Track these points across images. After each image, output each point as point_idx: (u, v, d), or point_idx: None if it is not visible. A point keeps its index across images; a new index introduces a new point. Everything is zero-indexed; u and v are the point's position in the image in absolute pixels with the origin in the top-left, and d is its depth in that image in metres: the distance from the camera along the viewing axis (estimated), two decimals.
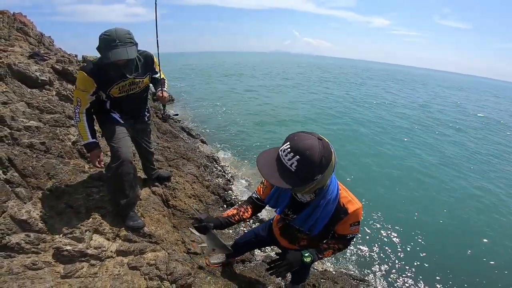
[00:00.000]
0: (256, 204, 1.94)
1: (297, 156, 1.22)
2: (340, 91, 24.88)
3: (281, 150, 1.29)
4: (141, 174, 3.55)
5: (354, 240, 1.97)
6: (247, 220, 1.99)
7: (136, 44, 2.30)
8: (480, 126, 15.94)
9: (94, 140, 2.42)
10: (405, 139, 11.43)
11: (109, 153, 2.64)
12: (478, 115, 19.91)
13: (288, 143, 1.27)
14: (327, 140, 1.29)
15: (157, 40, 2.74)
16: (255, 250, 3.54)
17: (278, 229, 2.12)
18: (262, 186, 1.90)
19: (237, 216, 1.88)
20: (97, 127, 2.55)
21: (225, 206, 4.43)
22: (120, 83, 2.42)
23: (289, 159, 1.24)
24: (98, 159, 2.44)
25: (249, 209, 1.92)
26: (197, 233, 1.77)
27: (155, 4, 2.62)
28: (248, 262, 3.30)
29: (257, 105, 16.15)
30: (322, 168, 1.26)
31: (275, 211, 1.87)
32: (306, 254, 1.67)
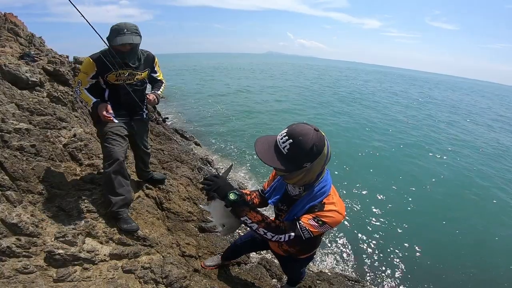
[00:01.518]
0: (261, 196, 1.99)
1: (290, 140, 1.29)
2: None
3: (279, 135, 1.36)
4: (134, 177, 3.51)
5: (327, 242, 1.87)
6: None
7: (141, 36, 2.54)
8: None
9: (97, 99, 2.57)
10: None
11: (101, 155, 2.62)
12: None
13: (287, 129, 1.35)
14: (324, 134, 1.34)
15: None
16: (251, 253, 3.51)
17: None
18: (267, 181, 1.96)
19: (249, 197, 1.92)
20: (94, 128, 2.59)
21: None
22: (119, 71, 2.57)
23: (283, 142, 1.31)
24: (106, 110, 2.49)
25: (258, 198, 1.99)
26: (205, 206, 1.78)
27: None
28: (243, 265, 3.27)
29: (251, 106, 16.17)
30: (312, 156, 1.31)
31: (269, 202, 1.85)
32: (235, 192, 1.50)
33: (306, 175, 1.40)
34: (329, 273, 3.87)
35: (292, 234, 1.50)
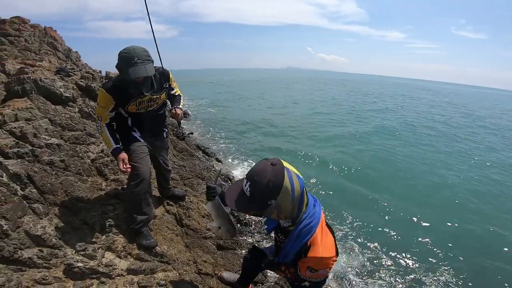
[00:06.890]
0: None
1: (249, 182, 1.34)
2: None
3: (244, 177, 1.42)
4: (156, 193, 3.57)
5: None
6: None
7: (152, 61, 2.42)
8: None
9: (118, 146, 2.53)
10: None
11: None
12: None
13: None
14: (285, 165, 1.34)
15: (158, 52, 3.14)
16: (268, 271, 3.46)
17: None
18: None
19: None
20: None
21: (239, 225, 4.38)
22: (138, 100, 2.54)
23: (244, 185, 1.37)
24: (123, 162, 2.44)
25: None
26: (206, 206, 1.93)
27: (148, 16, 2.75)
28: (260, 284, 3.23)
29: (275, 121, 16.09)
30: (271, 193, 1.30)
31: (266, 229, 1.86)
32: (270, 257, 1.79)
33: (280, 211, 1.38)
34: None
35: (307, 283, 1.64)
